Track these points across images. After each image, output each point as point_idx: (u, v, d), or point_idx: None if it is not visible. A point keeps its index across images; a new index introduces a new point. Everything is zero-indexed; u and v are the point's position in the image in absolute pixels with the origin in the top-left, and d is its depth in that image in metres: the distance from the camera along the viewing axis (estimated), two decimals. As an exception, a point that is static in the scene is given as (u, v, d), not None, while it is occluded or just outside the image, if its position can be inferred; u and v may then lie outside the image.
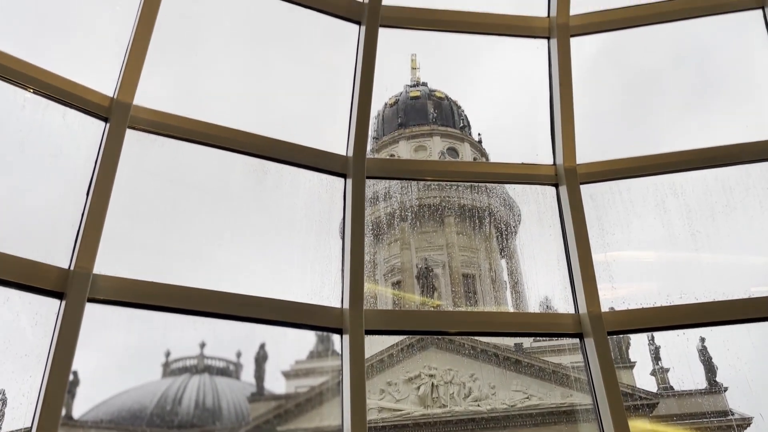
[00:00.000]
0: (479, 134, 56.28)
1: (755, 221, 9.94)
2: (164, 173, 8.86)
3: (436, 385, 36.60)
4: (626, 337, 34.75)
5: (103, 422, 44.23)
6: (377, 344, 35.34)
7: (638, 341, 38.19)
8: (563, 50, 8.91)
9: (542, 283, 41.22)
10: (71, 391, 39.75)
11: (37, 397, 5.92)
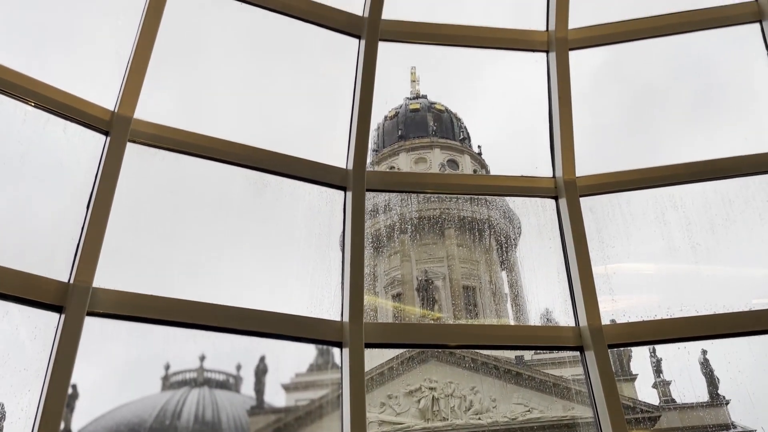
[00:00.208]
0: (479, 146, 56.45)
1: (755, 233, 9.94)
2: (164, 186, 8.87)
3: (436, 398, 36.45)
4: (627, 349, 34.65)
5: (101, 436, 44.00)
6: (377, 357, 35.24)
7: (640, 354, 38.08)
8: (562, 63, 8.95)
9: (543, 295, 41.16)
10: (70, 404, 39.59)
11: (35, 411, 5.90)
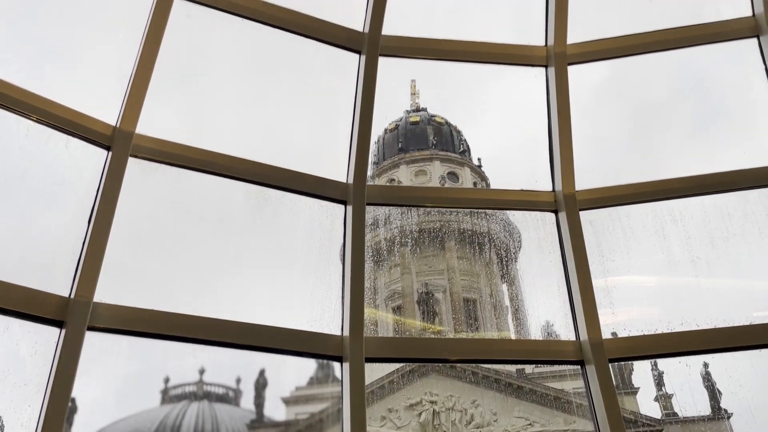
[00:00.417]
0: (479, 159, 56.59)
1: (755, 247, 9.95)
2: (165, 201, 8.90)
3: (437, 411, 36.27)
4: (629, 363, 34.51)
5: (100, 450, 43.72)
6: (378, 370, 35.11)
7: (641, 367, 37.95)
8: (561, 78, 9.00)
9: (543, 308, 41.10)
10: (69, 419, 39.40)
11: (35, 426, 5.89)
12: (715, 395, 34.54)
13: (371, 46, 8.84)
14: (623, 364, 35.18)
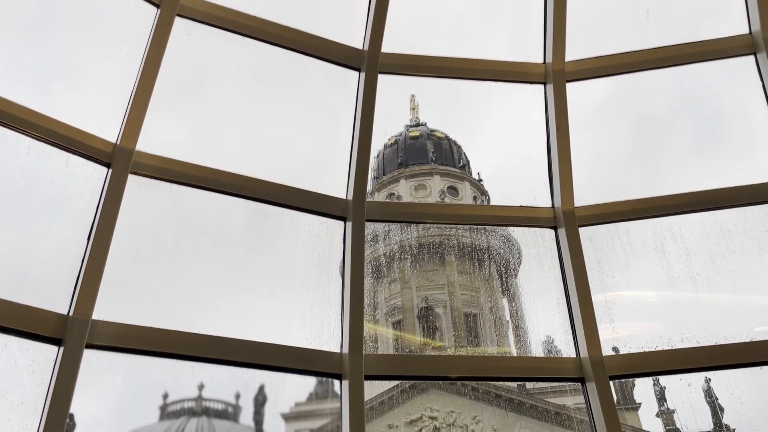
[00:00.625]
0: (478, 173, 56.68)
1: (754, 263, 9.95)
2: (165, 217, 8.91)
3: (438, 427, 36.04)
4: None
5: (98, 467, 43.36)
6: (377, 385, 34.91)
7: (643, 382, 37.75)
8: (559, 95, 9.03)
9: (544, 324, 40.98)
10: (67, 434, 39.06)
11: (32, 446, 5.86)
12: (716, 411, 34.34)
13: (371, 63, 8.89)
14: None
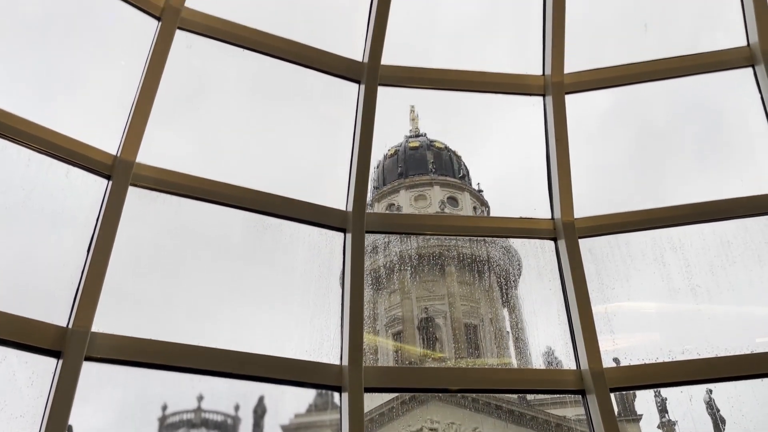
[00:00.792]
0: (478, 183, 56.76)
1: (754, 275, 9.93)
2: (165, 229, 8.90)
3: (438, 439, 35.87)
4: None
5: (97, 479, 43.09)
6: (377, 397, 34.78)
7: (644, 393, 37.62)
8: (558, 107, 9.05)
9: (544, 335, 40.88)
10: (65, 446, 38.85)
11: (30, 459, 5.83)
12: (718, 423, 34.17)
13: (371, 76, 8.92)
14: (625, 391, 34.88)
